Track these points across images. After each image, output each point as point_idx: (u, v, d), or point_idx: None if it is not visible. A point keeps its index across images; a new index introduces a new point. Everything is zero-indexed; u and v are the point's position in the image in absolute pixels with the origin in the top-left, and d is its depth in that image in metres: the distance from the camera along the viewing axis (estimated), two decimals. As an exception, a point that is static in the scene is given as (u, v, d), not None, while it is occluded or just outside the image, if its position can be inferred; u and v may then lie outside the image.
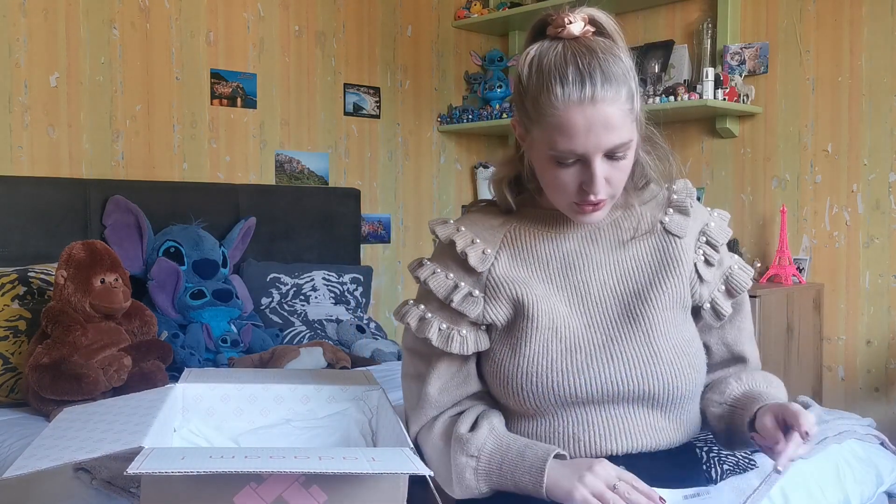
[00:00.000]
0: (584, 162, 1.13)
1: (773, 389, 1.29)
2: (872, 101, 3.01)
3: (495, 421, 1.22)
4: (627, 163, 1.17)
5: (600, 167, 1.13)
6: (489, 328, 1.25)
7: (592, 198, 1.15)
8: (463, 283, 1.23)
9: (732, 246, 3.31)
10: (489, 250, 1.24)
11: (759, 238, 3.33)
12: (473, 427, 1.22)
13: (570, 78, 1.10)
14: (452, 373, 1.26)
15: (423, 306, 1.26)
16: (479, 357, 1.28)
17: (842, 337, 3.13)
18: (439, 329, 1.22)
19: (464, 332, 1.23)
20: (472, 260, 1.22)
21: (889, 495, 1.98)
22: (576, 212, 1.19)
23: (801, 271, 3.14)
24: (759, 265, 3.27)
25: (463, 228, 1.26)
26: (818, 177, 3.16)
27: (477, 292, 1.23)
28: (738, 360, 1.34)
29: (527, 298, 1.21)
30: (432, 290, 1.24)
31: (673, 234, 1.26)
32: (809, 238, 3.19)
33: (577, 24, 1.14)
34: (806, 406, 2.10)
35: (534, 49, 1.16)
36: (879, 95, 3.00)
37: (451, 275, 1.24)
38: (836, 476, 1.79)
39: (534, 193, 1.29)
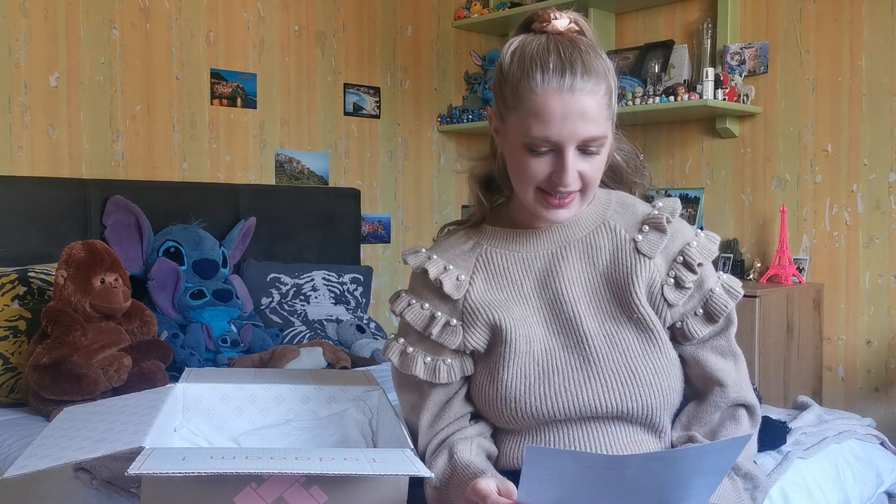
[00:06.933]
0: (557, 152, 1.14)
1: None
2: (872, 101, 3.01)
3: (458, 448, 1.20)
4: (600, 159, 1.17)
5: (573, 159, 1.14)
6: (472, 352, 1.25)
7: (562, 189, 1.15)
8: (440, 313, 1.23)
9: (732, 246, 3.31)
10: (463, 276, 1.24)
11: (759, 238, 3.33)
12: (436, 456, 1.22)
13: (552, 66, 1.11)
14: (447, 396, 1.25)
15: (402, 340, 1.26)
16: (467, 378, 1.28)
17: (842, 337, 3.13)
18: (424, 363, 1.23)
19: (448, 360, 1.23)
20: (448, 287, 1.22)
21: (889, 495, 1.98)
22: (542, 206, 1.18)
23: (801, 271, 3.14)
24: (759, 265, 3.27)
25: (435, 256, 1.26)
26: (818, 177, 3.16)
27: (455, 321, 1.22)
28: (714, 382, 1.24)
29: (503, 323, 1.20)
30: (410, 323, 1.24)
31: (642, 254, 1.22)
32: (809, 238, 3.19)
33: (562, 21, 1.16)
34: (806, 406, 2.11)
35: (517, 40, 1.18)
36: (879, 95, 3.00)
37: (427, 304, 1.24)
38: (836, 476, 1.79)
39: (504, 191, 1.29)
